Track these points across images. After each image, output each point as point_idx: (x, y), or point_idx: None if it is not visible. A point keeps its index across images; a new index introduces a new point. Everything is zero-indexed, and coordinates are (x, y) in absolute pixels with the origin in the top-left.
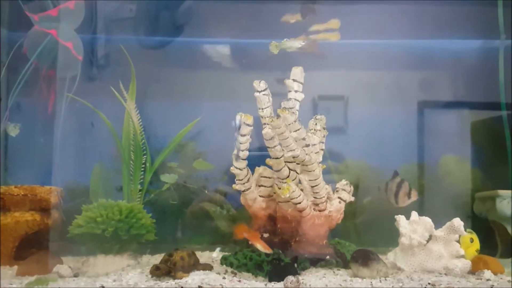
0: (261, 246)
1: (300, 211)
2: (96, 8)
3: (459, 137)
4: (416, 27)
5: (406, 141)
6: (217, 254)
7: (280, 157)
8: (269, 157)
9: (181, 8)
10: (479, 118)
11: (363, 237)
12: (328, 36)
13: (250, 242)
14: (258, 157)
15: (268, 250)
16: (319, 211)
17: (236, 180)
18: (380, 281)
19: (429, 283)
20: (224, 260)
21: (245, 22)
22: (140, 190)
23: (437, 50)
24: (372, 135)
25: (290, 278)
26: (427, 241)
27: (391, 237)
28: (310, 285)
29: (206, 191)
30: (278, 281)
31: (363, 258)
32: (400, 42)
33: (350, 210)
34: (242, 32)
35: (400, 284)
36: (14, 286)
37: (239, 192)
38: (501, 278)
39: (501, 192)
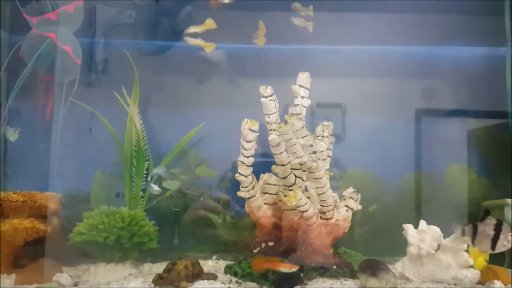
0: (286, 268)
1: (307, 219)
2: (95, 11)
3: (465, 145)
4: (420, 34)
5: (411, 150)
6: (213, 262)
7: (286, 164)
8: (275, 163)
9: (182, 14)
10: (483, 126)
11: (368, 246)
12: (203, 44)
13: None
14: (263, 163)
15: (294, 267)
16: (326, 219)
17: (241, 187)
18: None
19: None
20: (228, 270)
21: (249, 29)
22: (142, 197)
23: (442, 58)
24: (376, 143)
25: None
26: (436, 251)
27: (396, 247)
28: None
29: (202, 198)
30: None
31: (372, 268)
32: (405, 48)
33: (355, 219)
34: (245, 38)
35: None
36: None
37: (240, 200)
38: None
39: (509, 201)
